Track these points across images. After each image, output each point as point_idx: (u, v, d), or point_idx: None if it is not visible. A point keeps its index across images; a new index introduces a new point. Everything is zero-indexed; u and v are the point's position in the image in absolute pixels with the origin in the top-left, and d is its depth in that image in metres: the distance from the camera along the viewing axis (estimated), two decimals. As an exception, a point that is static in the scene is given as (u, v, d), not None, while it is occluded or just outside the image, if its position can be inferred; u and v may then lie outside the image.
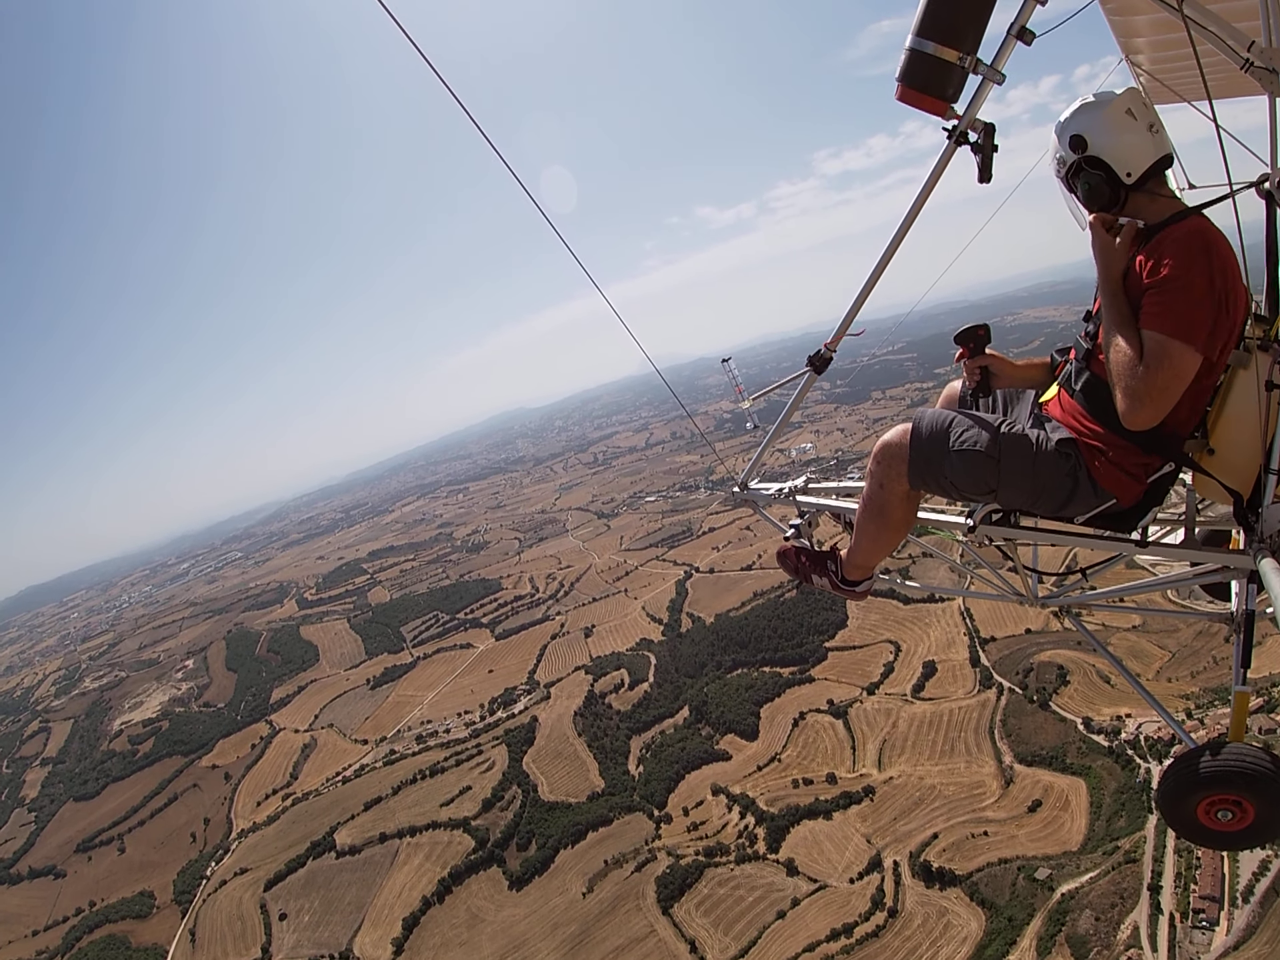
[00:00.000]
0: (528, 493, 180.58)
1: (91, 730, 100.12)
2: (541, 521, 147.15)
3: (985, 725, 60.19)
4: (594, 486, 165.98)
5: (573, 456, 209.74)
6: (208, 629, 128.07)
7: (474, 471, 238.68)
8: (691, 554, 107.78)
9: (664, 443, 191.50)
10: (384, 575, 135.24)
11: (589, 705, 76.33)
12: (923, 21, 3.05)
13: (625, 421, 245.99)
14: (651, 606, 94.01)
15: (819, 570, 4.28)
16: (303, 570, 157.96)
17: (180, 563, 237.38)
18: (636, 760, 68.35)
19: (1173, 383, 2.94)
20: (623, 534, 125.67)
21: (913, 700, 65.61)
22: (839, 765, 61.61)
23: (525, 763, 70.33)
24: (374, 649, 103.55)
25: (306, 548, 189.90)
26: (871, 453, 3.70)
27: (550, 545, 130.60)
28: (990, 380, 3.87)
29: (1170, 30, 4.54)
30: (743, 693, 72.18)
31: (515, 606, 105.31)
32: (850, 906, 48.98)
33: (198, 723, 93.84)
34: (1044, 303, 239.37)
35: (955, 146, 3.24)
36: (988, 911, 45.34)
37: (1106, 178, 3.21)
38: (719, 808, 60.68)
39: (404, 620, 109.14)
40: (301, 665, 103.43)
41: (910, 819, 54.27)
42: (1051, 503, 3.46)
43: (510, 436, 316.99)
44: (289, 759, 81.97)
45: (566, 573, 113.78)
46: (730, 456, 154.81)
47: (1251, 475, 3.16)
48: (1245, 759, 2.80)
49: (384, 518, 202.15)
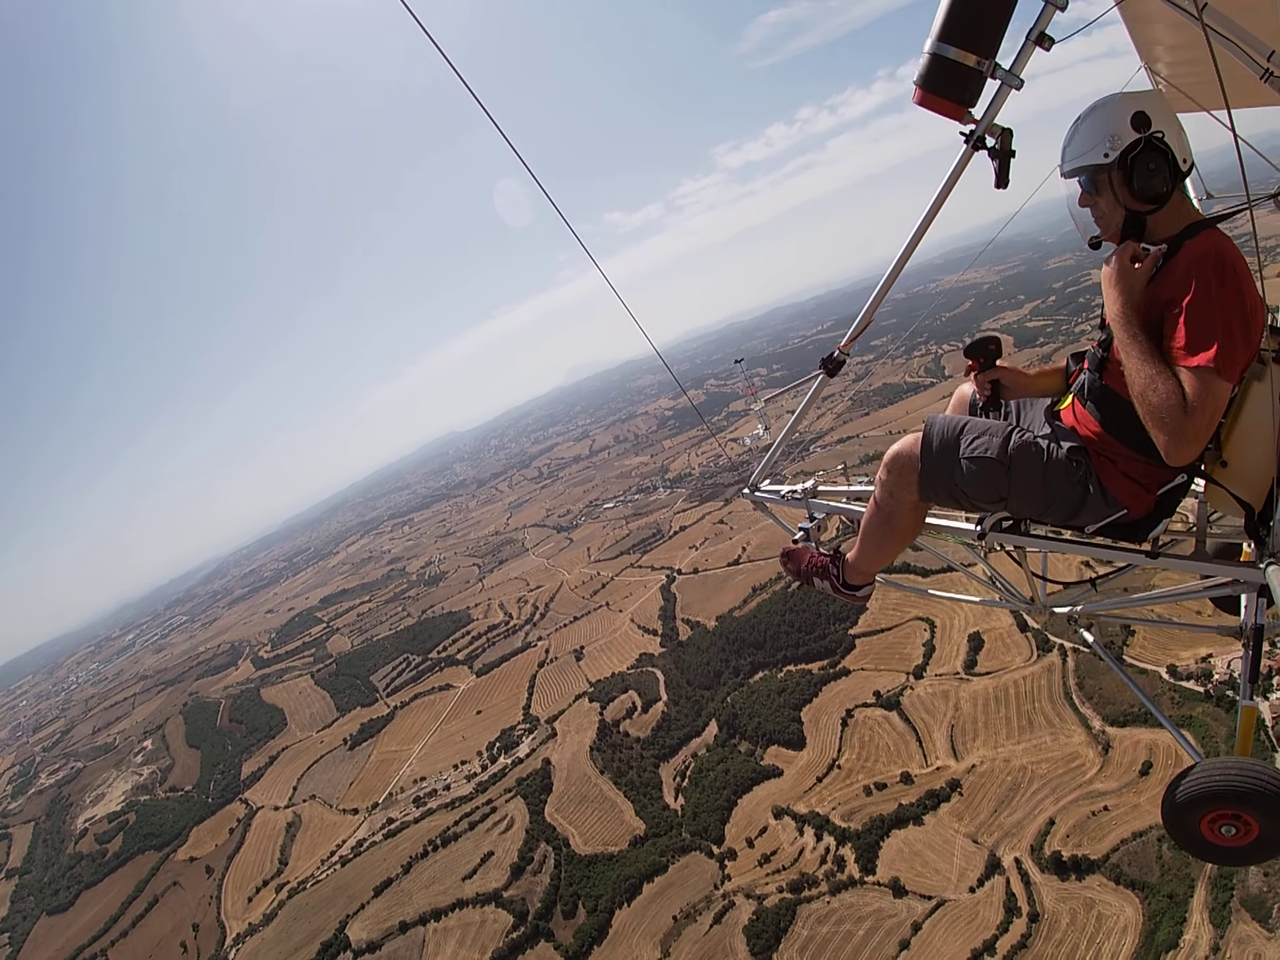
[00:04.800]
0: (476, 516, 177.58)
1: (54, 832, 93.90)
2: (498, 544, 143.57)
3: (1059, 691, 55.46)
4: (546, 501, 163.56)
5: (516, 473, 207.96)
6: (162, 703, 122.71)
7: (416, 502, 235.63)
8: (668, 556, 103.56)
9: (609, 448, 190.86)
10: (341, 622, 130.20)
11: (603, 737, 69.89)
12: (943, 26, 3.04)
13: (563, 432, 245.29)
14: (641, 617, 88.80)
15: (821, 573, 4.38)
16: (253, 627, 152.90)
17: (125, 634, 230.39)
18: (674, 792, 61.94)
19: (1216, 416, 2.92)
20: (588, 545, 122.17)
21: (968, 678, 60.38)
22: (909, 762, 55.97)
23: (548, 814, 63.43)
24: (345, 704, 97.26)
25: (253, 602, 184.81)
26: (882, 461, 3.76)
27: (513, 567, 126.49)
28: (1001, 393, 3.99)
29: (1189, 38, 4.62)
30: (774, 698, 66.30)
31: (490, 637, 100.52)
32: (981, 920, 43.47)
33: (166, 811, 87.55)
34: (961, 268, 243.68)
35: (973, 151, 3.25)
36: (1140, 893, 40.76)
37: (1166, 163, 3.09)
38: (787, 832, 54.40)
39: (372, 668, 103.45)
40: (269, 733, 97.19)
41: (1012, 808, 49.17)
42: (1062, 511, 3.51)
43: (447, 462, 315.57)
44: (274, 842, 74.59)
45: (537, 594, 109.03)
46: (682, 452, 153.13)
47: (1264, 488, 3.15)
48: (1250, 774, 2.84)
49: (329, 560, 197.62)
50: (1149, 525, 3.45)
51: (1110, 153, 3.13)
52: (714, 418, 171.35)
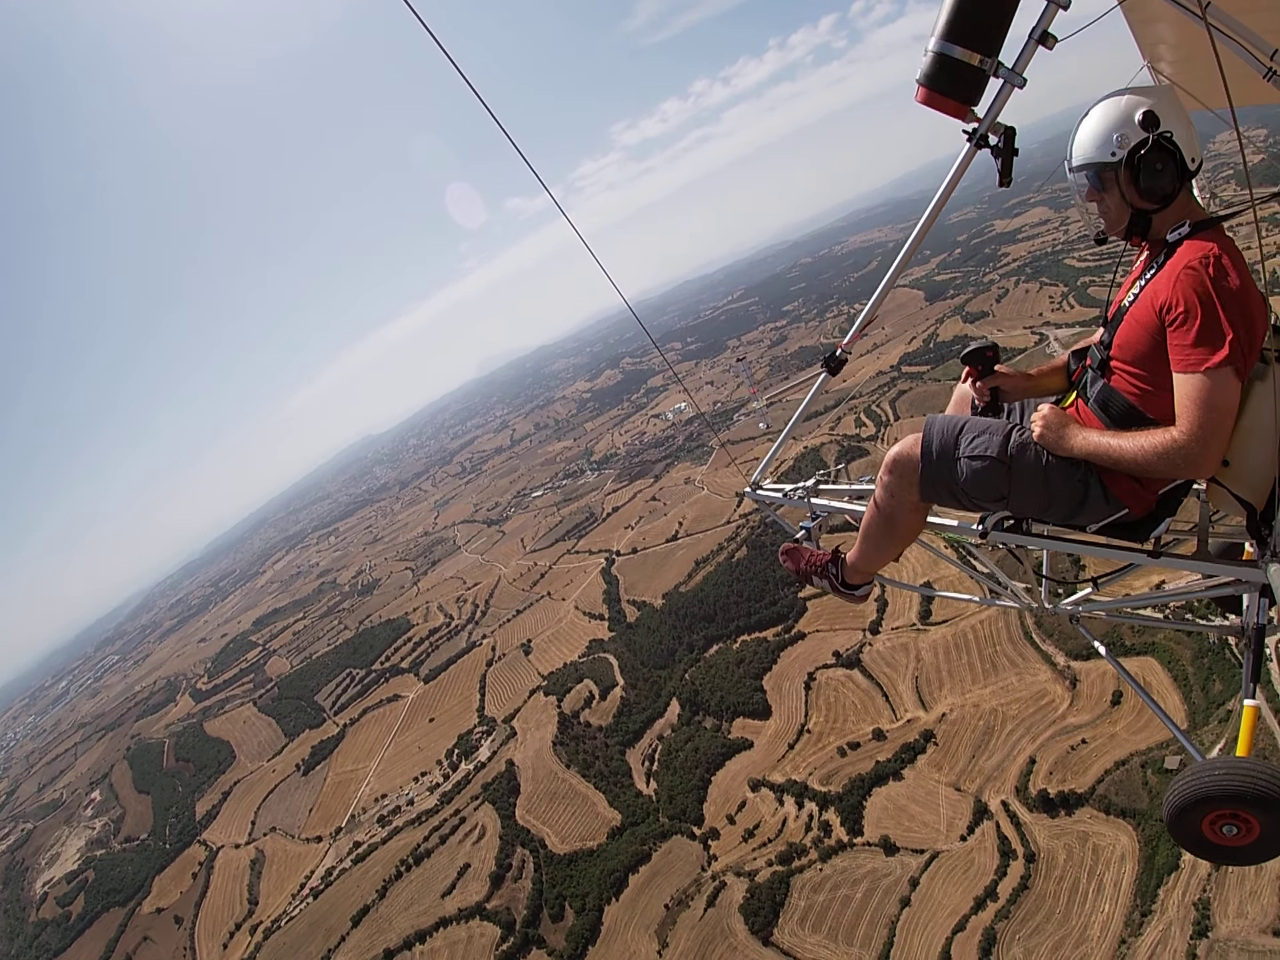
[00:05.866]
0: (403, 518, 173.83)
1: (15, 901, 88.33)
2: (428, 544, 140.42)
3: (1018, 632, 55.90)
4: (472, 495, 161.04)
5: (439, 470, 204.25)
6: (104, 750, 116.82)
7: (339, 510, 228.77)
8: (604, 539, 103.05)
9: (530, 435, 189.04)
10: (277, 643, 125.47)
11: (565, 730, 68.40)
12: (947, 25, 3.02)
13: (482, 425, 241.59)
14: (585, 604, 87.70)
15: (820, 572, 4.39)
16: (187, 658, 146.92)
17: (57, 681, 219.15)
18: (645, 777, 60.66)
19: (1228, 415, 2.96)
20: (521, 536, 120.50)
21: (925, 628, 60.76)
22: (879, 718, 55.93)
23: (520, 817, 61.52)
24: (292, 729, 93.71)
25: (184, 633, 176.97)
26: (883, 462, 3.74)
27: (447, 566, 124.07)
28: (1001, 397, 3.96)
29: (1192, 37, 4.58)
30: (733, 669, 65.74)
31: (434, 641, 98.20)
32: (979, 866, 43.51)
33: (125, 864, 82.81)
34: (864, 228, 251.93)
35: (976, 150, 3.24)
36: (1132, 821, 41.24)
37: (1174, 162, 3.07)
38: (767, 804, 53.68)
39: (315, 688, 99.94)
40: (218, 768, 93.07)
41: (990, 752, 49.46)
42: (1063, 510, 3.50)
43: (366, 466, 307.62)
44: (240, 882, 70.96)
45: (476, 591, 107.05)
46: (605, 433, 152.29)
47: (1266, 488, 3.16)
48: (1251, 774, 2.82)
49: (257, 581, 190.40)
50: (1150, 524, 3.46)
51: (1118, 151, 3.09)
52: (633, 395, 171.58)
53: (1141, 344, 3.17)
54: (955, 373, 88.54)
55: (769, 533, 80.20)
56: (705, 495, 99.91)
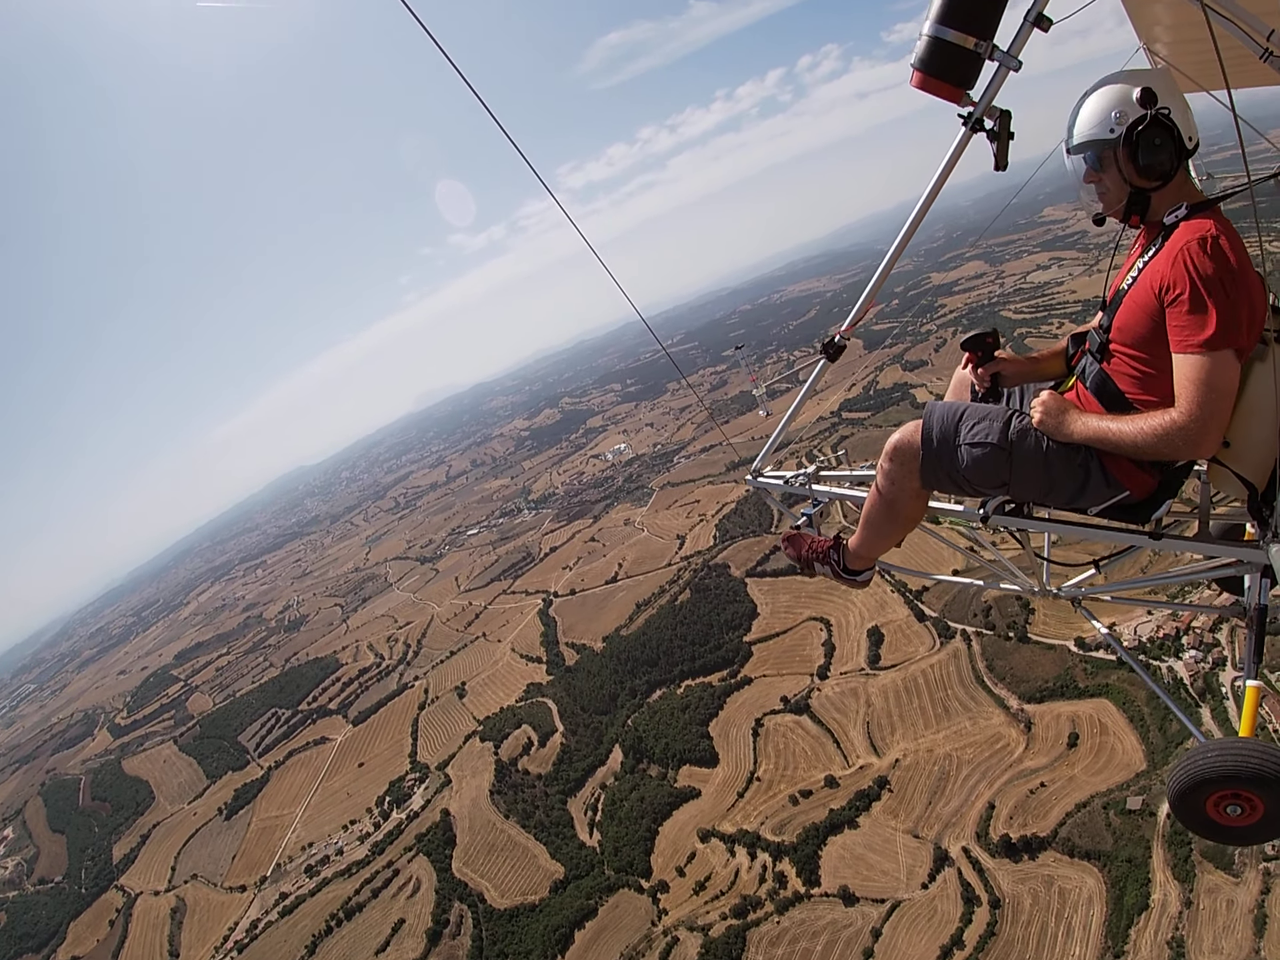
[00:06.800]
0: (333, 553, 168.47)
1: None
2: (359, 581, 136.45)
3: (969, 676, 56.27)
4: (405, 532, 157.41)
5: (371, 505, 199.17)
6: (17, 785, 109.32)
7: (267, 542, 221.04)
8: (541, 579, 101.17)
9: (466, 473, 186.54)
10: (199, 679, 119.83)
11: (502, 778, 65.76)
12: (942, 8, 3.00)
13: (417, 460, 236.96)
14: (522, 645, 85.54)
15: (822, 558, 4.37)
16: (106, 690, 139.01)
17: None
18: (588, 827, 58.43)
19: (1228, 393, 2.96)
20: (456, 575, 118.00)
21: (874, 673, 60.44)
22: (830, 764, 55.02)
23: (456, 869, 58.56)
24: (214, 770, 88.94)
25: (104, 663, 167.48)
26: (884, 449, 3.72)
27: (378, 604, 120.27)
28: (1001, 382, 3.95)
29: (1188, 18, 4.58)
30: (678, 715, 64.26)
31: (363, 682, 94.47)
32: (942, 914, 42.57)
33: (39, 907, 76.97)
34: (804, 277, 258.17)
35: (971, 134, 3.23)
36: (1098, 863, 41.06)
37: (1172, 139, 3.05)
38: (718, 855, 52.00)
39: (239, 727, 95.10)
40: (136, 809, 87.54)
41: (946, 797, 48.89)
42: (1064, 494, 3.50)
43: (297, 498, 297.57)
44: (159, 932, 66.28)
45: (408, 630, 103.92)
46: (543, 471, 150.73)
47: (1267, 468, 3.17)
48: (1255, 755, 2.81)
49: (180, 612, 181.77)
50: (1151, 506, 3.44)
51: (1116, 128, 3.09)
52: (572, 434, 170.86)
53: (1141, 326, 3.16)
54: (896, 419, 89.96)
55: (712, 575, 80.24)
56: (645, 537, 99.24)
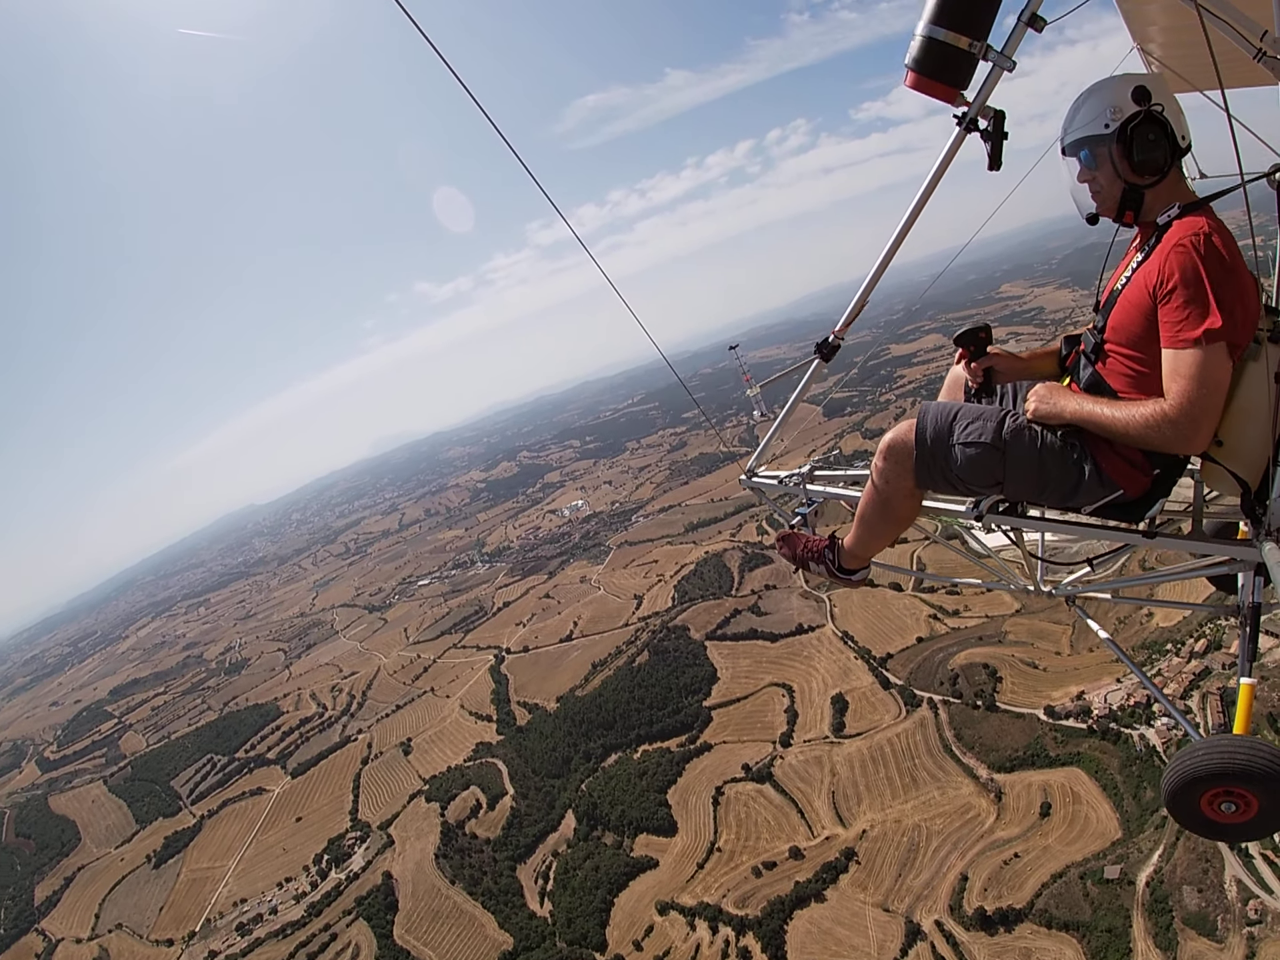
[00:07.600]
0: (279, 595, 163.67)
1: None
2: (304, 626, 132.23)
3: (937, 745, 55.57)
4: (354, 579, 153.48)
5: (321, 549, 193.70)
6: None
7: (212, 580, 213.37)
8: (494, 635, 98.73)
9: (419, 521, 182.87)
10: (134, 717, 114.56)
11: (448, 841, 62.81)
12: (935, 8, 3.01)
13: (370, 505, 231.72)
14: (471, 702, 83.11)
15: (817, 557, 4.32)
16: (36, 721, 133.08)
17: None
18: (539, 897, 55.84)
19: (1219, 389, 2.95)
20: (405, 625, 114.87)
21: (839, 741, 59.32)
22: (794, 835, 53.42)
23: (398, 937, 55.69)
24: (144, 814, 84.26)
25: (36, 693, 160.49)
26: (878, 448, 3.71)
27: (322, 652, 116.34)
28: (994, 378, 3.93)
29: (1182, 19, 4.70)
30: (635, 781, 62.23)
31: (304, 732, 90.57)
32: None
33: None
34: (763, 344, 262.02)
35: (965, 134, 3.23)
36: (1077, 933, 40.15)
37: (1166, 136, 3.10)
38: (678, 929, 49.73)
39: (173, 771, 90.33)
40: (61, 849, 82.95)
41: (917, 870, 47.56)
42: (1058, 493, 3.48)
43: (245, 537, 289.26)
44: None
45: (353, 681, 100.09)
46: (499, 525, 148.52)
47: (1260, 467, 3.15)
48: (1248, 752, 2.81)
49: (118, 646, 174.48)
50: (1145, 505, 3.41)
51: (1111, 123, 3.13)
52: (529, 489, 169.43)
53: (1135, 325, 3.17)
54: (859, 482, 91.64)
55: (671, 637, 79.09)
56: (602, 595, 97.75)
